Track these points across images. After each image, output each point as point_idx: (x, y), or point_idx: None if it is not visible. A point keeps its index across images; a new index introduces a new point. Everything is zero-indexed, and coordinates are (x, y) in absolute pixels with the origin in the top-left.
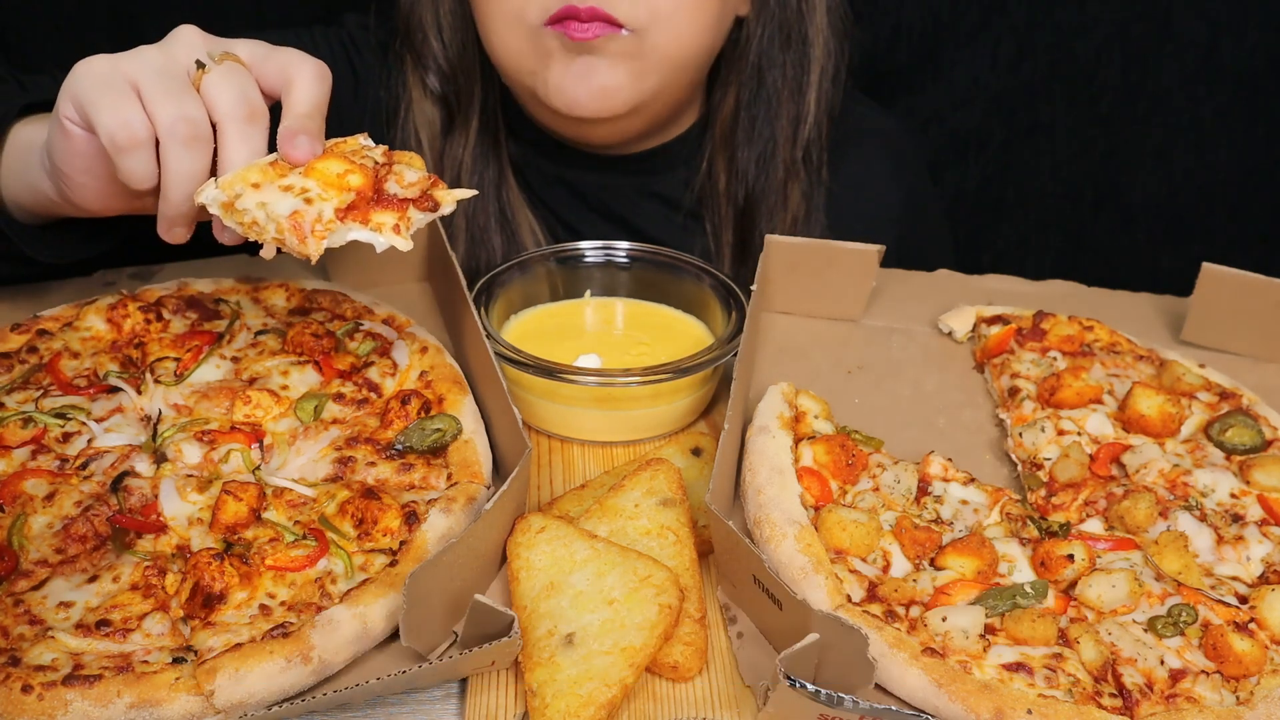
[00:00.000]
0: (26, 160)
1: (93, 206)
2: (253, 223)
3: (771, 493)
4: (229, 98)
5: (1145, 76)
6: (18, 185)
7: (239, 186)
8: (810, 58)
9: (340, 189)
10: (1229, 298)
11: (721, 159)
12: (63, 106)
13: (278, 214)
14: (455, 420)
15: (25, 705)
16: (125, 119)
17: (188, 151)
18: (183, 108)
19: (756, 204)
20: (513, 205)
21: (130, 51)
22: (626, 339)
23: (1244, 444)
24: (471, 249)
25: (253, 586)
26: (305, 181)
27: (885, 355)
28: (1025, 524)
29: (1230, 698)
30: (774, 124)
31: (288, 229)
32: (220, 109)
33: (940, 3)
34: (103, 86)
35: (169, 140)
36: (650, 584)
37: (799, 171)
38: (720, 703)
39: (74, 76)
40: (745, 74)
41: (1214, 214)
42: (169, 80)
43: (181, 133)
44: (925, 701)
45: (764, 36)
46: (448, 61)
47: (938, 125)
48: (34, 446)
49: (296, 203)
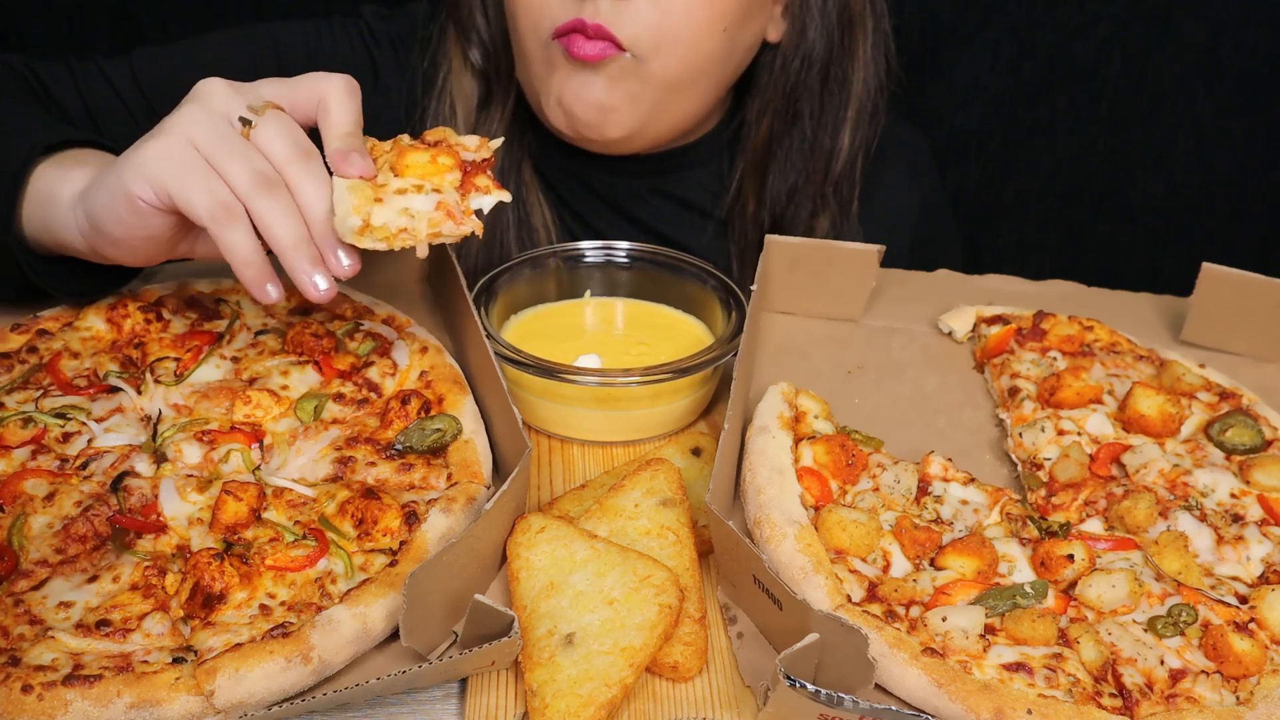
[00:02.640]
0: (48, 211)
1: (130, 262)
2: (400, 230)
3: (771, 493)
4: (281, 145)
5: (1145, 76)
6: (38, 229)
7: (363, 209)
8: (848, 95)
9: (442, 172)
10: (1229, 298)
11: (752, 183)
12: (136, 187)
13: (424, 210)
14: (455, 420)
15: (25, 705)
16: (220, 197)
17: (273, 199)
18: (251, 163)
19: (783, 231)
20: (528, 196)
21: (179, 119)
22: (626, 339)
23: (1244, 444)
24: (490, 233)
25: (253, 586)
26: (411, 180)
27: (885, 355)
28: (1025, 524)
29: (1230, 698)
30: (806, 157)
31: (441, 219)
32: (278, 158)
33: (940, 3)
34: (183, 166)
35: (253, 197)
36: (650, 584)
37: (829, 203)
38: (720, 703)
39: (140, 157)
40: (779, 103)
41: (1214, 214)
42: (229, 143)
43: (260, 186)
44: (925, 701)
45: (800, 69)
46: (491, 39)
47: (938, 125)
48: (34, 446)
49: (431, 196)
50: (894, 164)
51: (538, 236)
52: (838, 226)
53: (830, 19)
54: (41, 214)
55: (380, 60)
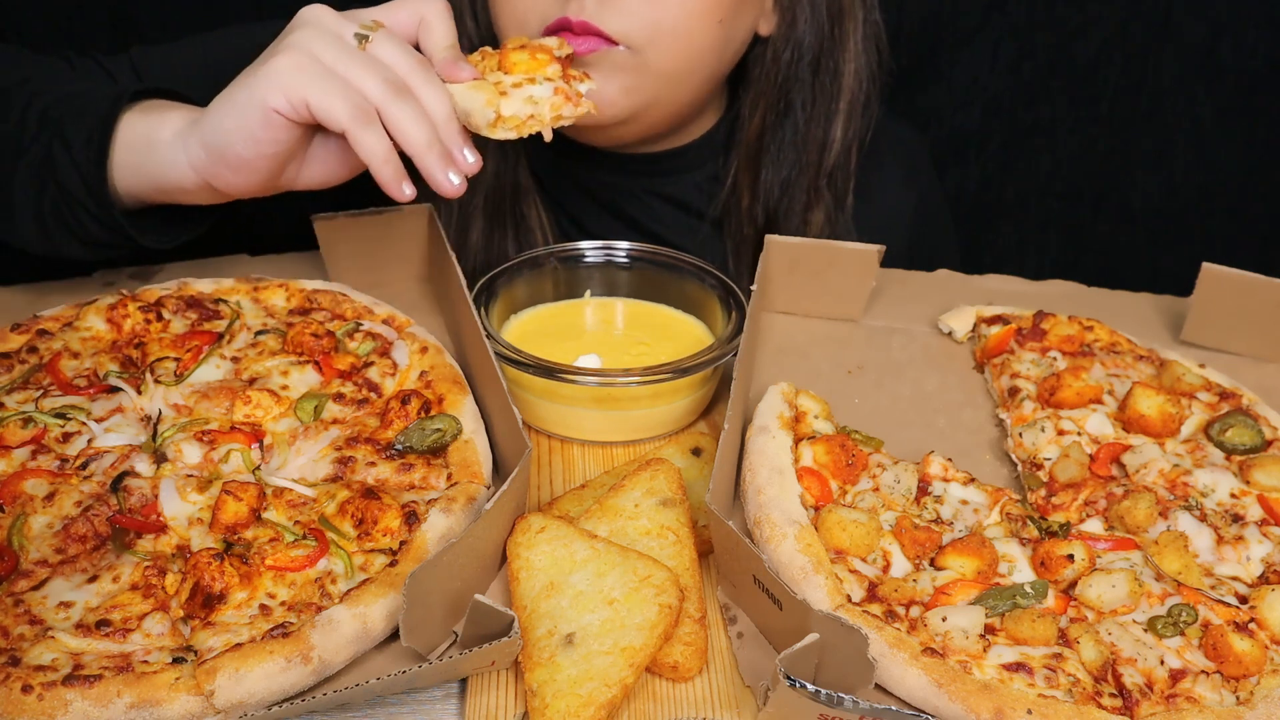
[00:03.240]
0: (145, 157)
1: (240, 191)
2: (529, 118)
3: (771, 493)
4: (399, 56)
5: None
6: (129, 176)
7: (494, 103)
8: (840, 86)
9: (544, 65)
10: (1229, 298)
11: (746, 177)
12: (273, 99)
13: (545, 96)
14: (455, 420)
15: (25, 705)
16: (355, 102)
17: (405, 104)
18: (379, 72)
19: (777, 226)
20: (525, 198)
21: (298, 38)
22: (626, 339)
23: (1244, 444)
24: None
25: (253, 586)
26: (522, 75)
27: (885, 355)
28: (1025, 524)
29: (1230, 698)
30: (799, 149)
31: (561, 102)
32: (400, 68)
33: (940, 3)
34: (317, 78)
35: (386, 103)
36: (650, 584)
37: (823, 196)
38: (720, 703)
39: (271, 70)
40: (771, 96)
41: (1214, 214)
42: (353, 56)
43: (391, 93)
44: (925, 701)
45: (791, 60)
46: (481, 41)
47: (938, 125)
48: (34, 446)
49: (545, 85)
50: (891, 164)
51: (534, 238)
52: (833, 220)
53: (820, 10)
54: (136, 160)
55: None
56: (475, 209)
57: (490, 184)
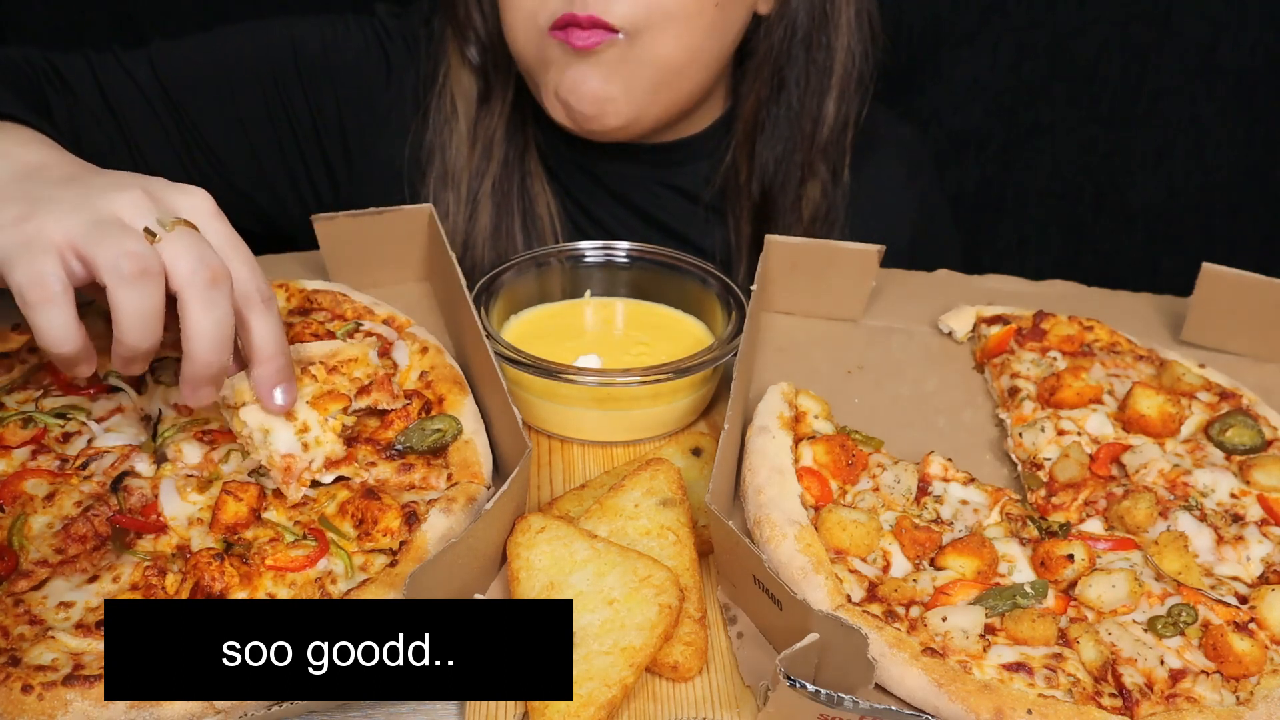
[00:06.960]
0: None
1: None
2: (248, 437)
3: (771, 493)
4: (188, 263)
5: (1145, 76)
6: None
7: (248, 393)
8: (832, 62)
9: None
10: (1229, 298)
11: (744, 153)
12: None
13: (273, 448)
14: (455, 420)
15: (25, 705)
16: (40, 271)
17: (135, 289)
18: (125, 245)
19: (774, 200)
20: (533, 185)
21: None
22: (626, 339)
23: (1244, 444)
24: (495, 216)
25: (253, 586)
26: (308, 414)
27: (885, 355)
28: (1025, 524)
29: (1230, 698)
30: (793, 124)
31: (279, 469)
32: (181, 275)
33: (940, 3)
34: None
35: (113, 279)
36: (650, 584)
37: (817, 171)
38: (720, 703)
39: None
40: (766, 72)
41: (1214, 214)
42: (106, 227)
43: (127, 269)
44: (925, 701)
45: (785, 37)
46: (487, 35)
47: (938, 125)
48: (34, 446)
49: (294, 442)
50: (891, 163)
51: (542, 225)
52: (829, 194)
53: None
54: None
55: (393, 56)
56: (483, 196)
57: (498, 171)
